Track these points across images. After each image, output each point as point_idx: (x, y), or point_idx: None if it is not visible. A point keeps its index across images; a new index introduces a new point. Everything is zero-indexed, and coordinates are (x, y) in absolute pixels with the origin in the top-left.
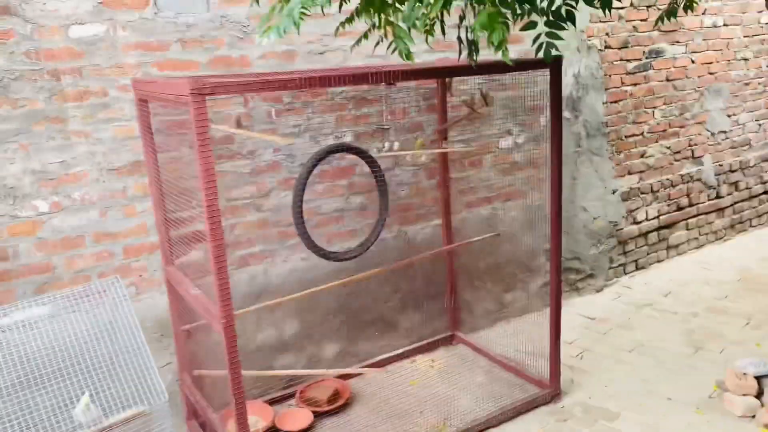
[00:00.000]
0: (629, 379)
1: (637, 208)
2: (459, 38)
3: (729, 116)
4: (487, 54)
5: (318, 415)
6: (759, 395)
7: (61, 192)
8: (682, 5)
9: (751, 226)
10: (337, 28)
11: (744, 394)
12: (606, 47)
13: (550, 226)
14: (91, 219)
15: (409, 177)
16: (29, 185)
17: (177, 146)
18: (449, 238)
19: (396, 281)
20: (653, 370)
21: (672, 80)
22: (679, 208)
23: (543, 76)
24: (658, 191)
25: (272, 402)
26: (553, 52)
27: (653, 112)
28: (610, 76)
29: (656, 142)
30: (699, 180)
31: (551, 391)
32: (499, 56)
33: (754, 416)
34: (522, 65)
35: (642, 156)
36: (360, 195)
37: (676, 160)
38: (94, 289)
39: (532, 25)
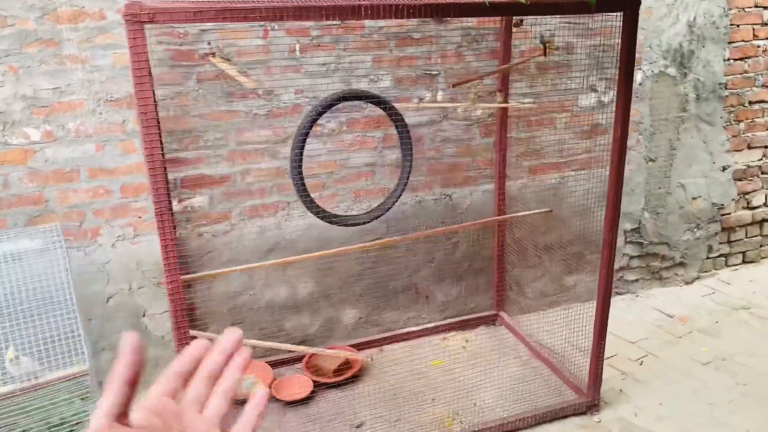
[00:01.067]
0: (694, 399)
1: (754, 191)
2: None
3: None
4: None
5: (321, 386)
6: None
7: (54, 121)
8: None
9: None
10: None
11: None
12: None
13: (606, 201)
14: (87, 152)
15: (459, 132)
16: (20, 111)
17: (181, 80)
18: (502, 207)
19: (432, 249)
20: (729, 393)
21: None
22: None
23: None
24: None
25: (279, 363)
26: None
27: None
28: (737, 26)
29: None
30: None
31: (588, 400)
32: None
33: None
34: (585, 6)
35: None
36: (396, 149)
37: None
38: (31, 233)
39: None
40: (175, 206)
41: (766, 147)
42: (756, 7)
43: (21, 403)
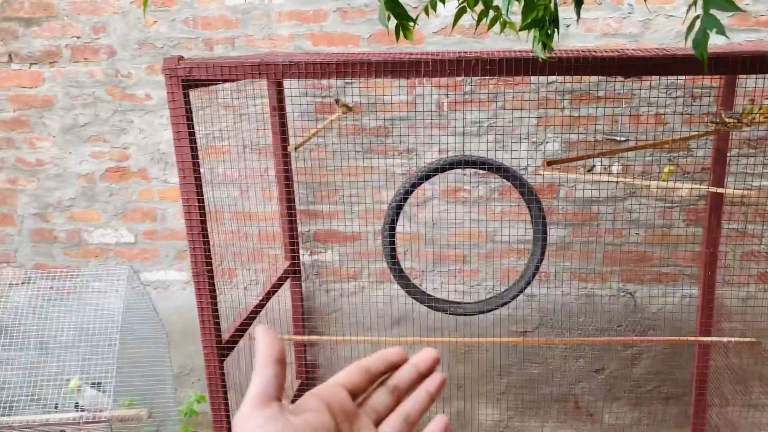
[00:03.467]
0: None
1: None
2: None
3: None
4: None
5: None
6: None
7: (206, 164)
8: None
9: None
10: None
11: None
12: None
13: None
14: (231, 196)
15: (653, 215)
16: None
17: (322, 132)
18: (708, 321)
19: (604, 357)
20: None
21: None
22: None
23: None
24: None
25: None
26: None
27: None
28: None
29: None
30: None
31: None
32: None
33: None
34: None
35: None
36: (561, 227)
37: None
38: (105, 273)
39: None
40: (306, 258)
41: None
42: None
43: None
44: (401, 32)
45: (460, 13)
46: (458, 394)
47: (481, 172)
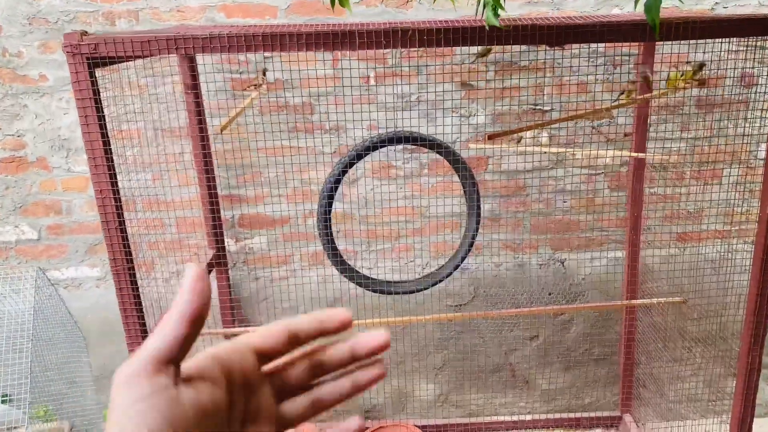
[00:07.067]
0: None
1: None
2: None
3: None
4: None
5: None
6: None
7: (113, 150)
8: None
9: None
10: None
11: None
12: None
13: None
14: (143, 182)
15: (579, 183)
16: (81, 138)
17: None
18: (634, 284)
19: (537, 324)
20: None
21: None
22: None
23: None
24: None
25: None
26: None
27: None
28: None
29: None
30: None
31: None
32: None
33: None
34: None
35: None
36: (492, 198)
37: None
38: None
39: None
40: (232, 246)
41: None
42: None
43: None
44: (337, 1)
45: None
46: (396, 371)
47: (410, 147)
